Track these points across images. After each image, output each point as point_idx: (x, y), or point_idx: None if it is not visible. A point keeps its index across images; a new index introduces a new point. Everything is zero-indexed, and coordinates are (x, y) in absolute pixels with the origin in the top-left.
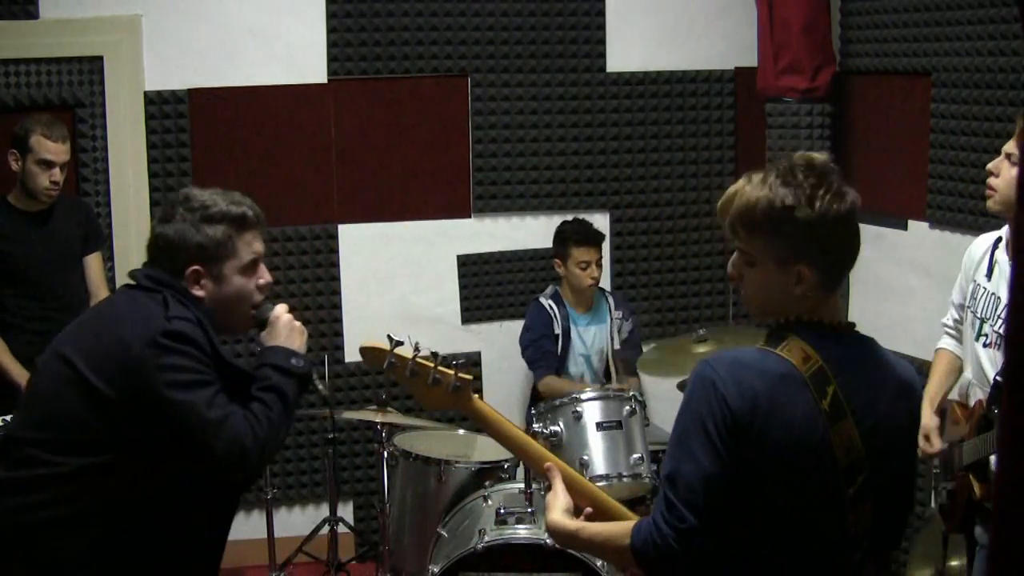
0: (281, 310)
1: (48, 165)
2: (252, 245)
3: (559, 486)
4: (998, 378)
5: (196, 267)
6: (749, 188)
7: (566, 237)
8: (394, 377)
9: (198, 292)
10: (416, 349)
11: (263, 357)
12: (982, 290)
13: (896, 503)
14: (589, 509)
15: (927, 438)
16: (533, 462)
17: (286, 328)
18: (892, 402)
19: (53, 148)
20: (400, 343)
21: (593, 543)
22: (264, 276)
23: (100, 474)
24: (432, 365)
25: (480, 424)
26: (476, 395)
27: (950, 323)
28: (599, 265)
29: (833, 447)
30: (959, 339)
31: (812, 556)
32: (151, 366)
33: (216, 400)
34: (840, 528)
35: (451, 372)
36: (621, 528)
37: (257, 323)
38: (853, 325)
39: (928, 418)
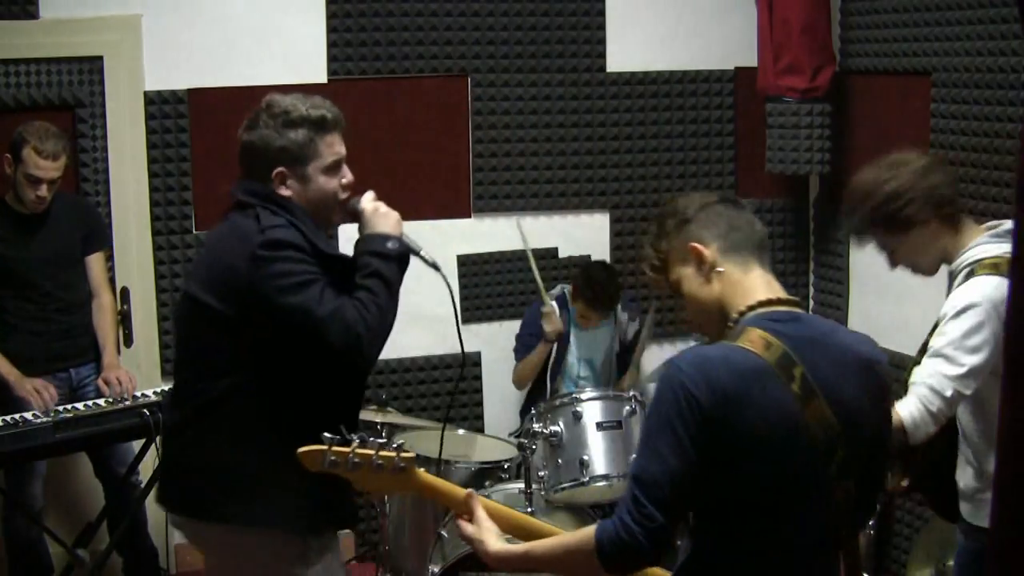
0: (369, 199)
1: (36, 181)
2: (333, 147)
3: (481, 513)
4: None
5: (281, 169)
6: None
7: (579, 288)
8: (337, 473)
9: (285, 192)
10: (351, 439)
11: (361, 246)
12: None
13: (871, 474)
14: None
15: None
16: (453, 504)
17: (376, 215)
18: (857, 376)
19: (42, 165)
20: (335, 439)
21: (551, 558)
22: (347, 175)
23: (246, 388)
24: (373, 452)
25: (430, 496)
26: (420, 469)
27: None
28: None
29: (809, 428)
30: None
31: (800, 536)
32: (257, 278)
33: (324, 296)
34: (825, 507)
35: (393, 454)
36: (579, 536)
37: (350, 216)
38: (798, 302)
39: None
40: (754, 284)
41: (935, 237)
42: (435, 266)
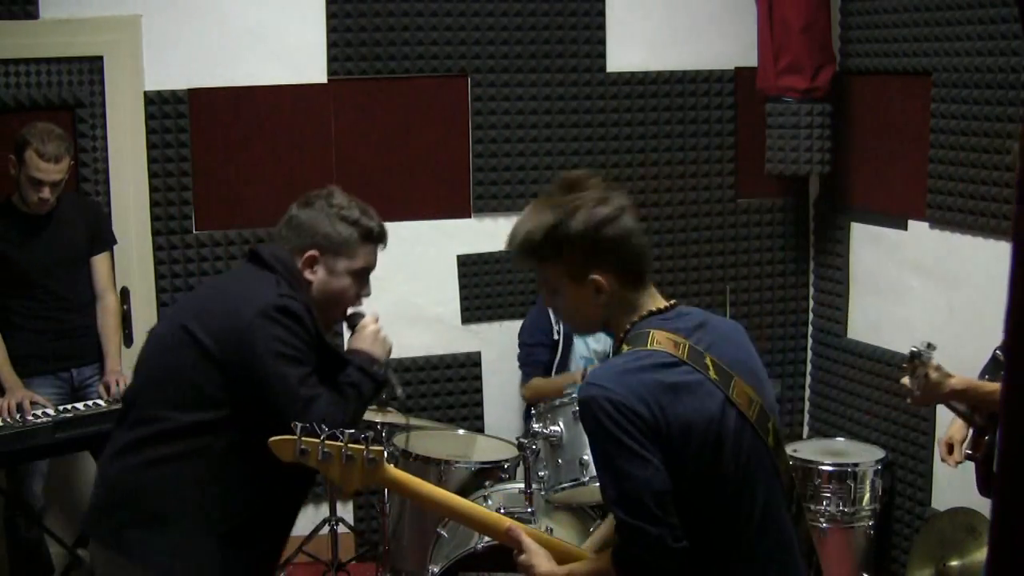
0: (371, 319)
1: (38, 184)
2: (369, 257)
3: (528, 540)
4: (997, 351)
5: (315, 252)
6: (521, 221)
7: None
8: (307, 463)
9: (309, 276)
10: (323, 432)
11: (350, 357)
12: None
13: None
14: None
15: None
16: (483, 527)
17: (372, 336)
18: (743, 343)
19: (43, 168)
20: (305, 428)
21: None
22: (368, 289)
23: (208, 429)
24: (342, 444)
25: (401, 493)
26: (390, 465)
27: None
28: None
29: (738, 408)
30: None
31: (758, 515)
32: (258, 334)
33: (309, 380)
34: (773, 481)
35: (361, 447)
36: (605, 558)
37: (348, 324)
38: (678, 302)
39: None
40: (642, 300)
41: None
42: (400, 406)
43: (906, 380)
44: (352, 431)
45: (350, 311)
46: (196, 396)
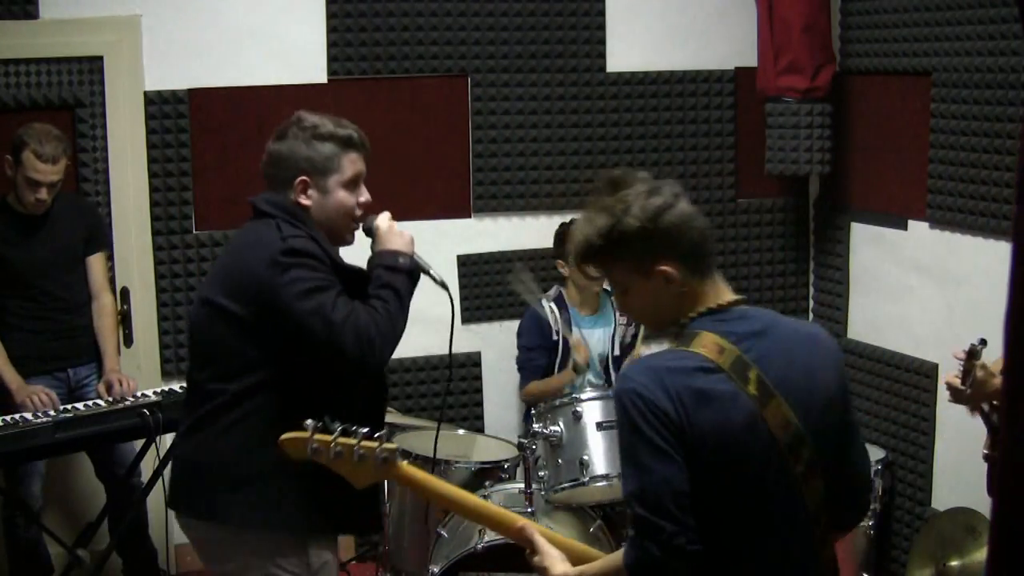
0: (384, 218)
1: (35, 184)
2: (356, 164)
3: (542, 541)
4: None
5: (303, 178)
6: (577, 229)
7: (566, 236)
8: (319, 461)
9: (304, 201)
10: (335, 429)
11: (373, 261)
12: None
13: (849, 474)
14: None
15: None
16: (496, 525)
17: (388, 233)
18: (813, 368)
19: (41, 169)
20: (317, 426)
21: None
22: (364, 195)
23: (260, 389)
24: (355, 442)
25: (414, 490)
26: (404, 462)
27: None
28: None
29: (770, 428)
30: None
31: (771, 538)
32: (275, 283)
33: (338, 302)
34: (795, 507)
35: (375, 445)
36: (616, 557)
37: (365, 232)
38: (745, 299)
39: None
40: (707, 291)
41: None
42: (443, 285)
43: (952, 379)
44: (366, 429)
45: (357, 224)
46: (241, 362)
